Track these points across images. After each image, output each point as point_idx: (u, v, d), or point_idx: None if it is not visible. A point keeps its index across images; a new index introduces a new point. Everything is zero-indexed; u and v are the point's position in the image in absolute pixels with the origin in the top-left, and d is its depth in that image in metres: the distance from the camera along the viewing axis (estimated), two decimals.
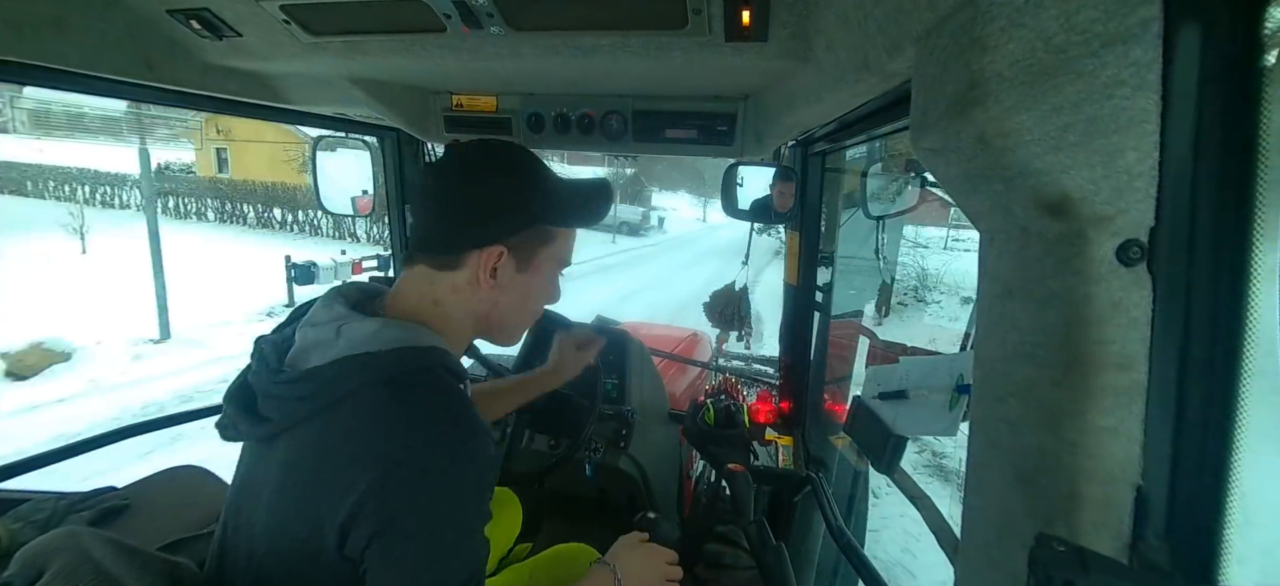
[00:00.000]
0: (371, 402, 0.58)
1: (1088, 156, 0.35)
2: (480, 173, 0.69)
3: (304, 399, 0.59)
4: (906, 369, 0.80)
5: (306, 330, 0.64)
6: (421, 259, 0.69)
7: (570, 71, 1.05)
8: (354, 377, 0.59)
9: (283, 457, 0.60)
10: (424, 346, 0.63)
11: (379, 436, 0.57)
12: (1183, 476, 0.35)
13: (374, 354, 0.60)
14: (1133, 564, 0.37)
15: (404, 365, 0.60)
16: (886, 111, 0.74)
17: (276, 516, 0.60)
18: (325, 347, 0.61)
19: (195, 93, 1.09)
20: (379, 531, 0.54)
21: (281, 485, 0.59)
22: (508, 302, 0.73)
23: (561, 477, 1.47)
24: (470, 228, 0.68)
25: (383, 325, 0.62)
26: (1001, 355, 0.43)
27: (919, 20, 0.45)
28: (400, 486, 0.55)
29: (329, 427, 0.58)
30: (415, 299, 0.69)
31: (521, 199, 0.69)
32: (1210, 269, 0.33)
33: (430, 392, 0.60)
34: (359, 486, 0.54)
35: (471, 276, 0.69)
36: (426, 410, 0.59)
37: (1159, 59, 0.32)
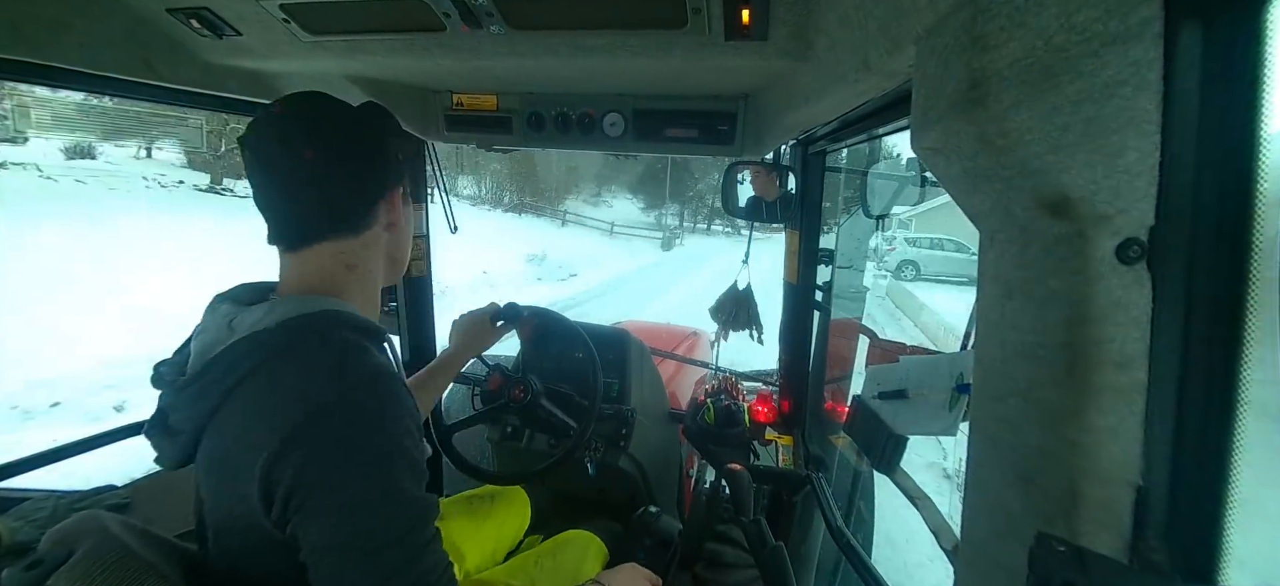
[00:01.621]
0: (267, 375, 0.58)
1: (1088, 156, 0.35)
2: (353, 126, 0.68)
3: (204, 393, 0.59)
4: (906, 368, 0.80)
5: (200, 337, 0.63)
6: (327, 237, 0.67)
7: (570, 70, 1.05)
8: (249, 357, 0.59)
9: (204, 458, 0.61)
10: (315, 311, 0.62)
11: (279, 402, 0.56)
12: (1183, 476, 0.35)
13: (265, 329, 0.60)
14: (1133, 564, 0.37)
15: (296, 333, 0.60)
16: (887, 111, 0.73)
17: (218, 518, 0.61)
18: (219, 343, 0.60)
19: (195, 92, 1.09)
20: (292, 490, 0.54)
21: (215, 488, 0.60)
22: (403, 236, 0.76)
23: (562, 477, 1.47)
24: (372, 184, 0.69)
25: (272, 305, 0.62)
26: (1001, 355, 0.43)
27: (919, 19, 0.45)
28: (303, 442, 0.54)
29: (233, 412, 0.58)
30: (318, 276, 0.67)
31: (376, 138, 0.70)
32: (1210, 268, 0.33)
33: (323, 350, 0.60)
34: (265, 452, 0.54)
35: (382, 225, 0.71)
36: (320, 367, 0.58)
37: (1159, 59, 0.32)
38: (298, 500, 0.54)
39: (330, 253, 0.67)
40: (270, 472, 0.54)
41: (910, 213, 15.71)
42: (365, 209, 0.69)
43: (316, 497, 0.54)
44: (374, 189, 0.70)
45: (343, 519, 0.54)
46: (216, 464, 0.60)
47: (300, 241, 0.67)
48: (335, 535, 0.54)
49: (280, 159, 0.64)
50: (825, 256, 1.48)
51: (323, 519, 0.54)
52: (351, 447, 0.55)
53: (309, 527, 0.54)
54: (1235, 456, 0.33)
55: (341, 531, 0.54)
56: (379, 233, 0.71)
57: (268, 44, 0.95)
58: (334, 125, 0.66)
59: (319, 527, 0.54)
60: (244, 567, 0.61)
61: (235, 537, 0.60)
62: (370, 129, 0.69)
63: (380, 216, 0.70)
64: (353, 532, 0.54)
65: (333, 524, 0.54)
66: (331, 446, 0.54)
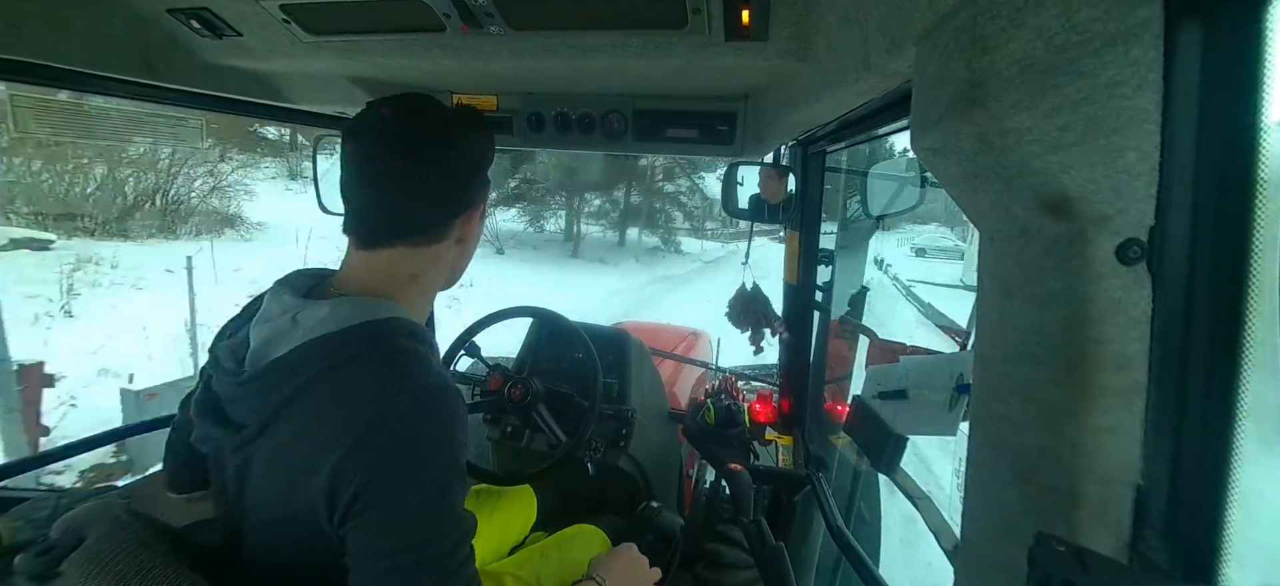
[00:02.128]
0: (337, 381, 0.59)
1: (1088, 156, 0.35)
2: (446, 142, 0.68)
3: (270, 392, 0.59)
4: (906, 369, 0.80)
5: (260, 326, 0.63)
6: (400, 243, 0.68)
7: (570, 71, 1.05)
8: (316, 361, 0.59)
9: (264, 458, 0.61)
10: (382, 319, 0.63)
11: (346, 410, 0.57)
12: (1183, 476, 0.35)
13: (333, 333, 0.60)
14: (1133, 564, 0.37)
15: (363, 339, 0.61)
16: (887, 111, 0.73)
17: (272, 512, 0.61)
18: (283, 338, 0.61)
19: (195, 92, 1.09)
20: (355, 497, 0.54)
21: (270, 486, 0.61)
22: (469, 250, 0.77)
23: (563, 476, 1.47)
24: (457, 199, 0.70)
25: (335, 305, 0.62)
26: (1001, 355, 0.43)
27: (919, 20, 0.45)
28: (369, 452, 0.55)
29: (300, 418, 0.58)
30: (382, 279, 0.67)
31: (477, 157, 0.72)
32: (1210, 268, 0.33)
33: (393, 359, 0.61)
34: (332, 458, 0.55)
35: (452, 242, 0.71)
36: (391, 377, 0.59)
37: (1159, 59, 0.32)
38: (361, 504, 0.55)
39: (399, 257, 0.68)
40: (339, 475, 0.55)
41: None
42: (443, 223, 0.70)
43: (379, 505, 0.55)
44: (456, 206, 0.71)
45: (399, 528, 0.55)
46: (277, 462, 0.60)
47: (374, 241, 0.67)
48: (389, 542, 0.55)
49: (377, 159, 0.66)
50: (825, 257, 1.48)
51: (381, 526, 0.55)
52: (418, 460, 0.56)
53: (365, 532, 0.55)
54: (1235, 456, 0.33)
55: (395, 540, 0.55)
56: (449, 246, 0.72)
57: (268, 44, 0.95)
58: (434, 136, 0.67)
59: (375, 533, 0.55)
60: (281, 561, 0.62)
61: (289, 534, 0.61)
62: (467, 146, 0.70)
63: (454, 231, 0.71)
64: (405, 544, 0.55)
65: (389, 531, 0.55)
66: (399, 456, 0.56)
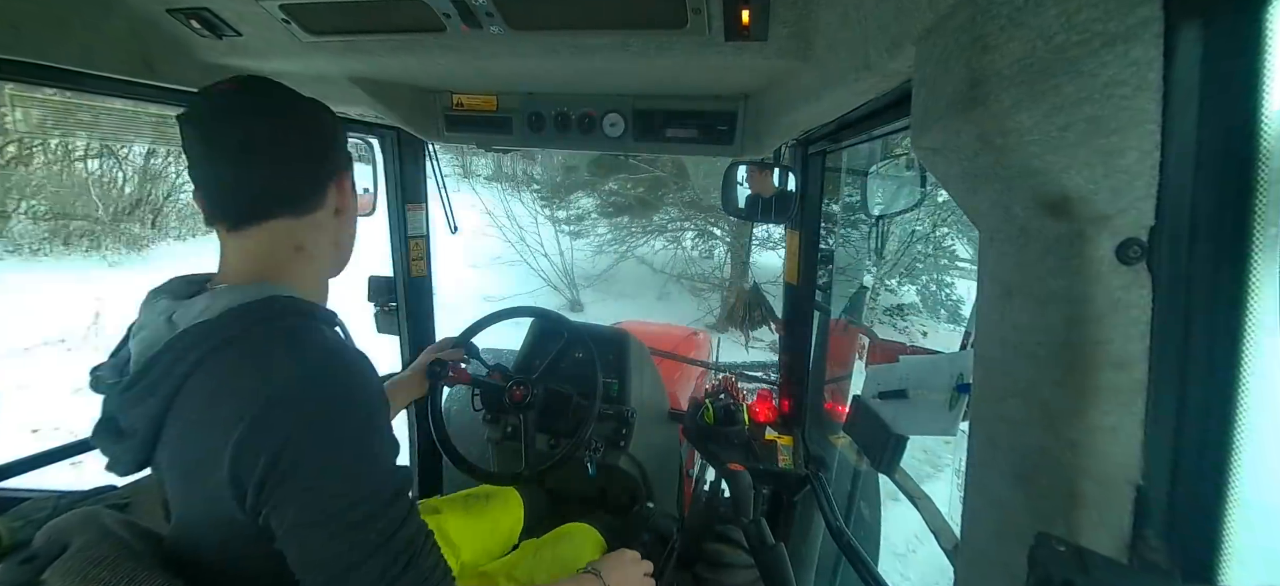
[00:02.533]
0: (222, 364, 0.56)
1: (1088, 156, 0.35)
2: (300, 105, 0.68)
3: (151, 390, 0.57)
4: (906, 369, 0.80)
5: (139, 335, 0.61)
6: (273, 216, 0.65)
7: (570, 71, 1.05)
8: (196, 347, 0.56)
9: (165, 461, 0.60)
10: (261, 299, 0.60)
11: (234, 392, 0.55)
12: (1183, 476, 0.35)
13: (208, 321, 0.58)
14: (1133, 563, 0.37)
15: (245, 319, 0.58)
16: (887, 111, 0.73)
17: (190, 517, 0.60)
18: (161, 340, 0.58)
19: (195, 92, 1.09)
20: (265, 475, 0.52)
21: (176, 484, 0.59)
22: (350, 223, 0.75)
23: (563, 476, 1.47)
24: (325, 164, 0.69)
25: (212, 296, 0.60)
26: (1001, 355, 0.43)
27: (919, 20, 0.45)
28: (268, 426, 0.53)
29: (190, 405, 0.57)
30: (262, 260, 0.65)
31: (331, 121, 0.71)
32: (1210, 268, 0.33)
33: (272, 335, 0.59)
34: (230, 442, 0.53)
35: (330, 209, 0.70)
36: (281, 348, 0.57)
37: (1159, 59, 0.32)
38: (270, 486, 0.53)
39: (279, 231, 0.65)
40: (238, 462, 0.53)
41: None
42: (316, 188, 0.68)
43: (290, 481, 0.53)
44: (326, 168, 0.69)
45: (322, 496, 0.53)
46: (178, 462, 0.59)
47: (246, 218, 0.64)
48: (315, 512, 0.53)
49: (229, 132, 0.62)
50: (825, 257, 1.48)
51: (302, 499, 0.53)
52: (325, 423, 0.54)
53: (287, 508, 0.53)
54: (1235, 456, 0.33)
55: (319, 508, 0.53)
56: (327, 217, 0.69)
57: (268, 44, 0.95)
58: (286, 103, 0.67)
59: (298, 507, 0.53)
60: (220, 562, 0.60)
61: (208, 533, 0.59)
62: (317, 111, 0.69)
63: (329, 198, 0.69)
64: (331, 507, 0.53)
65: (312, 502, 0.53)
66: (298, 429, 0.53)
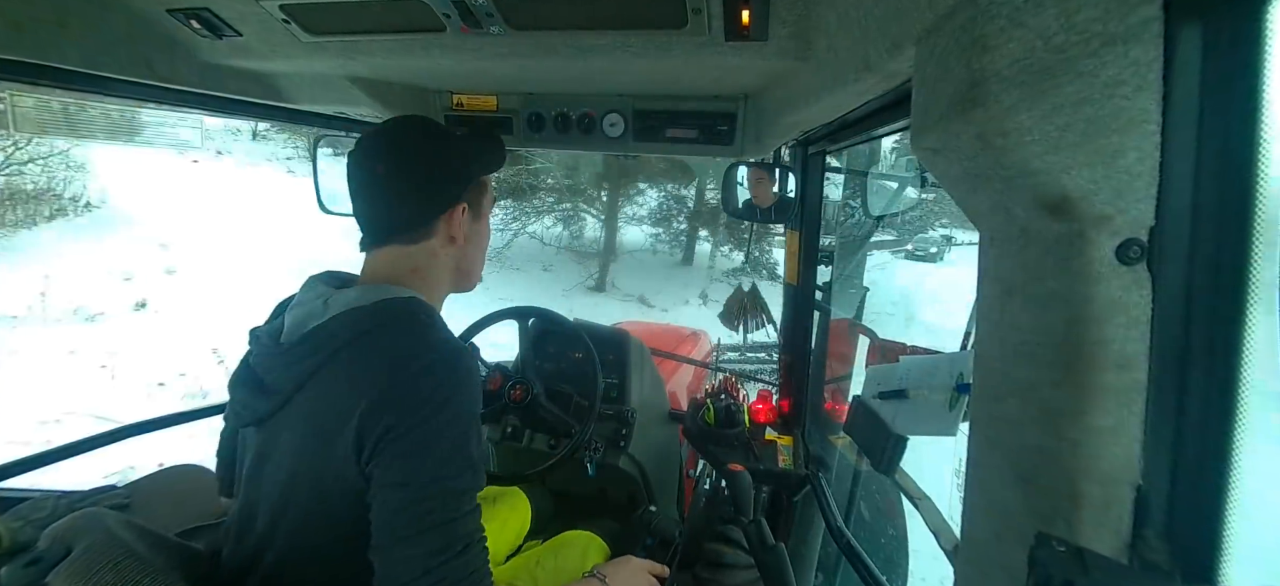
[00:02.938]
0: (365, 344, 0.67)
1: (1088, 156, 0.35)
2: (422, 147, 0.78)
3: (305, 358, 0.67)
4: (906, 369, 0.79)
5: (295, 310, 0.72)
6: (393, 241, 0.77)
7: (570, 71, 1.05)
8: (347, 329, 0.67)
9: (298, 416, 0.68)
10: (405, 296, 0.72)
11: (377, 364, 0.65)
12: (1183, 476, 0.35)
13: (361, 307, 0.69)
14: (1133, 564, 0.37)
15: (389, 309, 0.70)
16: (887, 111, 0.73)
17: (300, 464, 0.67)
18: (317, 316, 0.69)
19: (195, 92, 1.09)
20: (382, 436, 0.61)
21: (302, 439, 0.67)
22: (472, 251, 0.85)
23: (562, 477, 1.47)
24: (434, 197, 0.78)
25: (363, 289, 0.72)
26: (1001, 355, 0.43)
27: (919, 20, 0.45)
28: (394, 396, 0.62)
29: (333, 375, 0.66)
30: (389, 271, 0.76)
31: (461, 159, 0.81)
32: (1210, 268, 0.33)
33: (416, 323, 0.70)
34: (363, 405, 0.62)
35: (443, 238, 0.79)
36: (415, 336, 0.68)
37: (1159, 59, 0.32)
38: (387, 440, 0.61)
39: (396, 255, 0.77)
40: (366, 420, 0.62)
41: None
42: (425, 221, 0.78)
43: (403, 440, 0.61)
44: (434, 204, 0.78)
45: (420, 463, 0.62)
46: (308, 422, 0.67)
47: (372, 243, 0.78)
48: (410, 473, 0.61)
49: (364, 170, 0.76)
50: (825, 257, 1.48)
51: (403, 460, 0.61)
52: (437, 405, 0.63)
53: (389, 465, 0.62)
54: (1235, 456, 0.33)
55: (416, 472, 0.61)
56: (439, 245, 0.79)
57: (268, 44, 0.95)
58: (405, 144, 0.77)
59: (398, 466, 0.61)
60: (300, 521, 0.67)
61: (302, 492, 0.66)
62: (444, 150, 0.79)
63: (439, 229, 0.79)
64: (425, 477, 0.61)
65: (410, 466, 0.61)
66: (421, 400, 0.63)
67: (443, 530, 0.61)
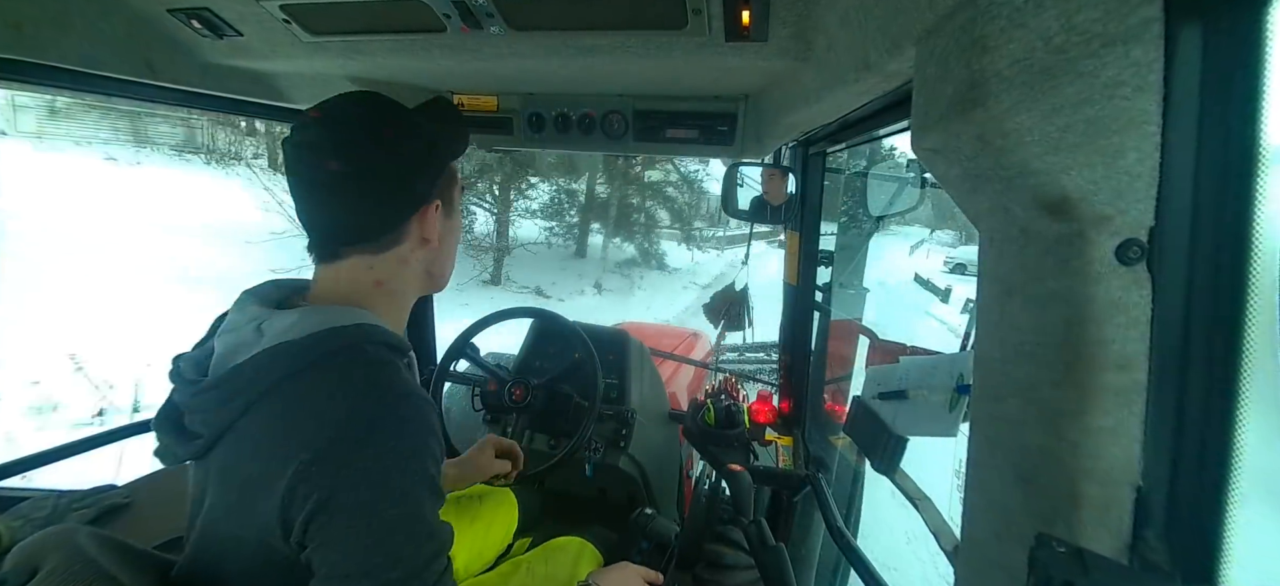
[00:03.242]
0: (295, 389, 0.56)
1: (1088, 156, 0.35)
2: (383, 137, 0.64)
3: (226, 401, 0.57)
4: (906, 369, 0.79)
5: (225, 336, 0.61)
6: (354, 251, 0.65)
7: (570, 71, 1.05)
8: (276, 368, 0.56)
9: (218, 467, 0.59)
10: (348, 325, 0.60)
11: (306, 419, 0.55)
12: (1183, 476, 0.35)
13: (294, 341, 0.57)
14: (1133, 564, 0.37)
15: (325, 346, 0.58)
16: (887, 111, 0.74)
17: (227, 531, 0.58)
18: (247, 347, 0.58)
19: (195, 92, 1.09)
20: (315, 512, 0.52)
21: (225, 502, 0.58)
22: (445, 250, 0.74)
23: (561, 477, 1.47)
24: (403, 197, 0.66)
25: (303, 314, 0.60)
26: (1001, 355, 0.43)
27: (919, 20, 0.45)
28: (331, 463, 0.52)
29: (260, 423, 0.56)
30: (347, 287, 0.65)
31: (427, 147, 0.68)
32: (1210, 269, 0.33)
33: (353, 367, 0.58)
34: (289, 470, 0.52)
35: (414, 242, 0.68)
36: (352, 385, 0.57)
37: (1159, 59, 0.32)
38: (320, 522, 0.52)
39: (358, 266, 0.66)
40: (293, 493, 0.52)
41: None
42: (393, 225, 0.66)
43: (341, 522, 0.52)
44: (404, 204, 0.66)
45: (368, 546, 0.52)
46: (231, 475, 0.58)
47: (329, 254, 0.65)
48: (358, 562, 0.52)
49: (308, 167, 0.62)
50: (825, 257, 1.48)
51: (348, 543, 0.52)
52: (384, 471, 0.54)
53: (330, 552, 0.53)
54: (1235, 456, 0.33)
55: (365, 559, 0.52)
56: (410, 249, 0.68)
57: (268, 44, 0.95)
58: (365, 134, 0.63)
59: (341, 552, 0.52)
60: (233, 581, 0.59)
61: (234, 551, 0.58)
62: (409, 140, 0.65)
63: (411, 232, 0.68)
64: (377, 561, 0.52)
65: (357, 550, 0.52)
66: (360, 471, 0.53)
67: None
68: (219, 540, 0.59)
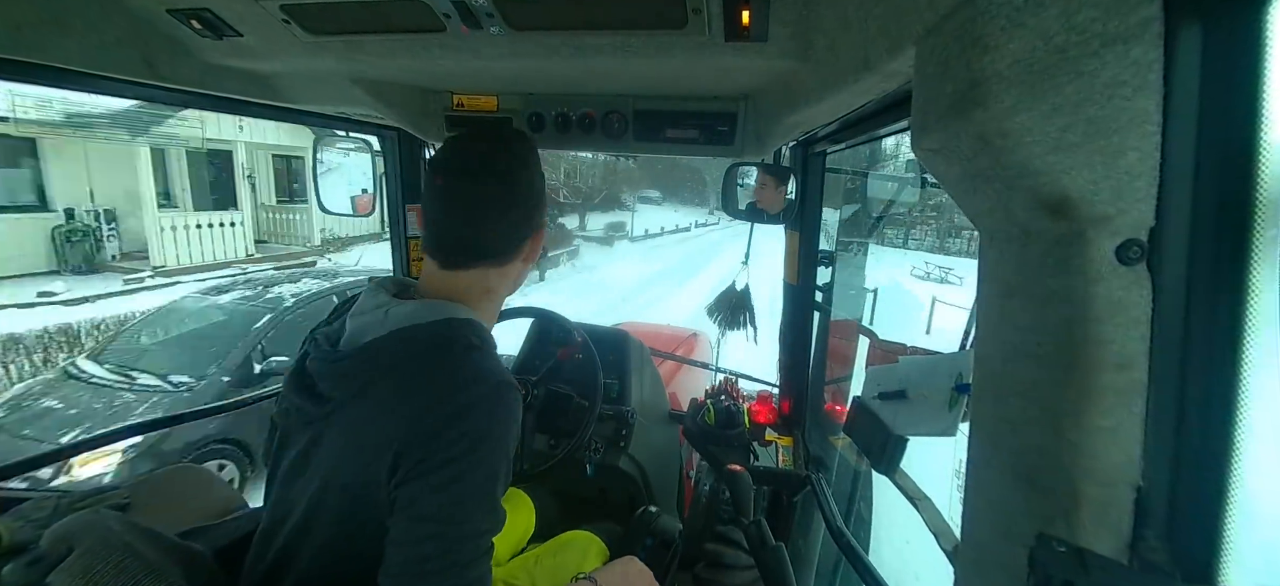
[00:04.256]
0: (414, 368, 0.66)
1: (1088, 156, 0.35)
2: (524, 169, 0.75)
3: (358, 372, 0.67)
4: (906, 369, 0.79)
5: (357, 318, 0.71)
6: (481, 264, 0.74)
7: (571, 71, 1.05)
8: (401, 349, 0.67)
9: (342, 427, 0.67)
10: (460, 319, 0.71)
11: (421, 392, 0.64)
12: (1183, 476, 0.35)
13: (416, 326, 0.68)
14: (1133, 564, 0.37)
15: (442, 334, 0.68)
16: (887, 111, 0.74)
17: (335, 476, 0.66)
18: (375, 328, 0.68)
19: (195, 92, 1.09)
20: (416, 465, 0.61)
21: (341, 451, 0.66)
22: (531, 265, 0.82)
23: (562, 477, 1.47)
24: (525, 223, 0.76)
25: (421, 305, 0.70)
26: (1001, 355, 0.43)
27: (919, 20, 0.45)
28: (437, 428, 0.61)
29: (381, 393, 0.65)
30: (462, 291, 0.74)
31: (541, 181, 0.78)
32: (1210, 269, 0.33)
33: (465, 352, 0.68)
34: (403, 432, 0.62)
35: (521, 261, 0.78)
36: (460, 367, 0.66)
37: (1159, 59, 0.32)
38: (419, 471, 0.61)
39: (479, 276, 0.75)
40: (404, 447, 0.61)
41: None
42: (517, 245, 0.76)
43: (433, 476, 0.60)
44: (528, 228, 0.77)
45: (445, 501, 0.60)
46: (354, 431, 0.66)
47: (458, 263, 0.74)
48: (435, 510, 0.60)
49: (462, 189, 0.72)
50: (825, 257, 1.48)
51: (431, 493, 0.60)
52: (474, 443, 0.62)
53: (417, 495, 0.61)
54: (1235, 456, 0.33)
55: (440, 510, 0.60)
56: (518, 267, 0.78)
57: (268, 44, 0.95)
58: (513, 167, 0.73)
59: (425, 500, 0.60)
60: (328, 525, 0.67)
61: (335, 501, 0.66)
62: (535, 171, 0.76)
63: (524, 250, 0.78)
64: (448, 517, 0.60)
65: (437, 501, 0.60)
66: (459, 437, 0.62)
67: (454, 574, 0.60)
68: (322, 486, 0.67)
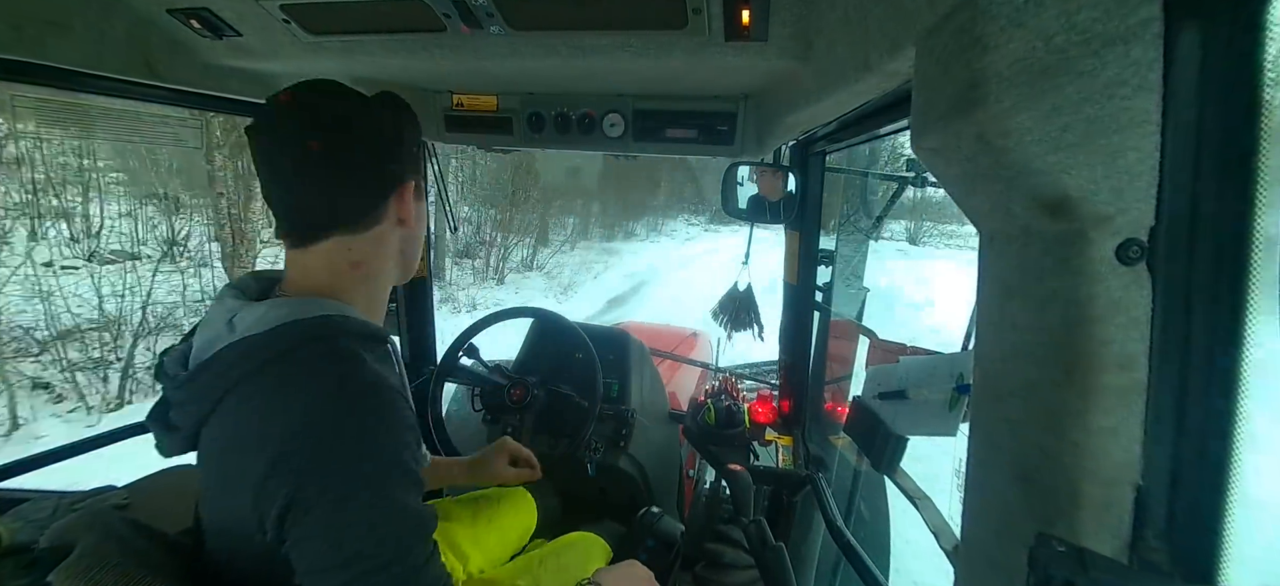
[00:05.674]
0: (262, 384, 0.56)
1: (1088, 156, 0.35)
2: (363, 116, 0.64)
3: (199, 394, 0.58)
4: (906, 369, 0.79)
5: (203, 331, 0.61)
6: (332, 234, 0.64)
7: (570, 71, 1.05)
8: (243, 362, 0.57)
9: (203, 458, 0.61)
10: (312, 317, 0.59)
11: (273, 414, 0.55)
12: (1183, 476, 0.35)
13: (261, 333, 0.57)
14: (1133, 564, 0.37)
15: (289, 339, 0.58)
16: (887, 111, 0.74)
17: (215, 518, 0.61)
18: (220, 341, 0.59)
19: (195, 92, 1.09)
20: (286, 509, 0.52)
21: (207, 485, 0.60)
22: (418, 232, 0.73)
23: (563, 477, 1.47)
24: (385, 175, 0.66)
25: (270, 306, 0.60)
26: (1001, 355, 0.43)
27: (919, 20, 0.45)
28: (297, 459, 0.52)
29: (228, 418, 0.57)
30: (322, 275, 0.65)
31: (395, 127, 0.67)
32: (1210, 268, 0.33)
33: (318, 361, 0.58)
34: (259, 465, 0.53)
35: (391, 222, 0.68)
36: (316, 380, 0.56)
37: (1159, 59, 0.32)
38: (292, 519, 0.52)
39: (336, 249, 0.64)
40: (263, 489, 0.52)
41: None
42: (374, 204, 0.66)
43: (312, 518, 0.52)
44: (385, 182, 0.66)
45: (341, 540, 0.52)
46: (211, 466, 0.60)
47: (305, 238, 0.64)
48: (333, 556, 0.52)
49: (284, 151, 0.61)
50: (825, 257, 1.48)
51: (319, 540, 0.52)
52: (347, 465, 0.53)
53: (305, 548, 0.52)
54: (1235, 456, 0.33)
55: (340, 553, 0.52)
56: (389, 229, 0.68)
57: (268, 44, 0.95)
58: (342, 114, 0.63)
59: (315, 549, 0.52)
60: (238, 569, 0.60)
61: (230, 540, 0.60)
62: (382, 118, 0.66)
63: (390, 212, 0.67)
64: (351, 553, 0.52)
65: (330, 545, 0.52)
66: (326, 464, 0.53)
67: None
68: (215, 527, 0.62)
